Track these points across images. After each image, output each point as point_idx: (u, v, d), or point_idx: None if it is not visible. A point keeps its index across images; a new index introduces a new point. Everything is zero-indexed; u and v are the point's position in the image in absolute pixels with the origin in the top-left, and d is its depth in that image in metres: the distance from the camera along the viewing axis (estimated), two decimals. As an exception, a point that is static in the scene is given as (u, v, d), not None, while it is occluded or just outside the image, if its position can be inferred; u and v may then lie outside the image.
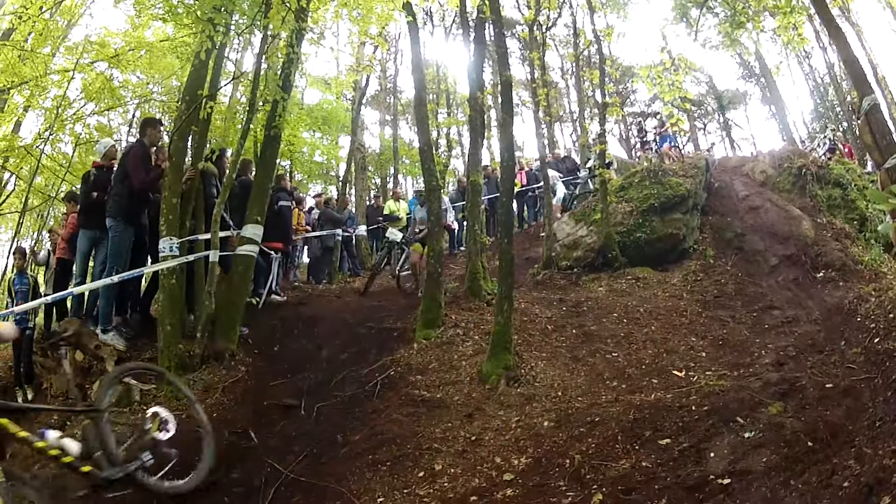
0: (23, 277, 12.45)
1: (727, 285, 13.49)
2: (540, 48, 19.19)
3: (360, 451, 7.27)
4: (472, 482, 6.17)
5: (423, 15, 28.63)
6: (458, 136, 35.76)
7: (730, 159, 26.05)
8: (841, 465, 4.75)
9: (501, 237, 10.36)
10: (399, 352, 10.12)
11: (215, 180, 11.94)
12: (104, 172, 11.19)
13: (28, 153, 18.91)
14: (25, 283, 12.38)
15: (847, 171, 18.27)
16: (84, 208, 11.26)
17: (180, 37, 16.59)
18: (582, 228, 16.34)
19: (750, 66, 40.95)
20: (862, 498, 4.22)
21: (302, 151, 29.16)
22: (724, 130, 47.52)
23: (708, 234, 16.55)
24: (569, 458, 6.18)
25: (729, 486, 4.95)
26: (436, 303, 11.16)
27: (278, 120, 11.79)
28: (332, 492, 6.49)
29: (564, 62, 42.12)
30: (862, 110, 9.22)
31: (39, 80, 17.92)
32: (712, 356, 9.53)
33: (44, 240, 24.43)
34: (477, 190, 13.23)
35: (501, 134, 11.09)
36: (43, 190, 21.72)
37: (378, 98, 40.72)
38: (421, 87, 13.38)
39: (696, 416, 6.48)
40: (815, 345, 9.06)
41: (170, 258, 10.11)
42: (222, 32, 10.55)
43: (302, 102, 28.62)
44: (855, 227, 15.77)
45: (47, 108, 19.30)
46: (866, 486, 4.27)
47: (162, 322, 9.85)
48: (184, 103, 11.20)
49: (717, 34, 14.97)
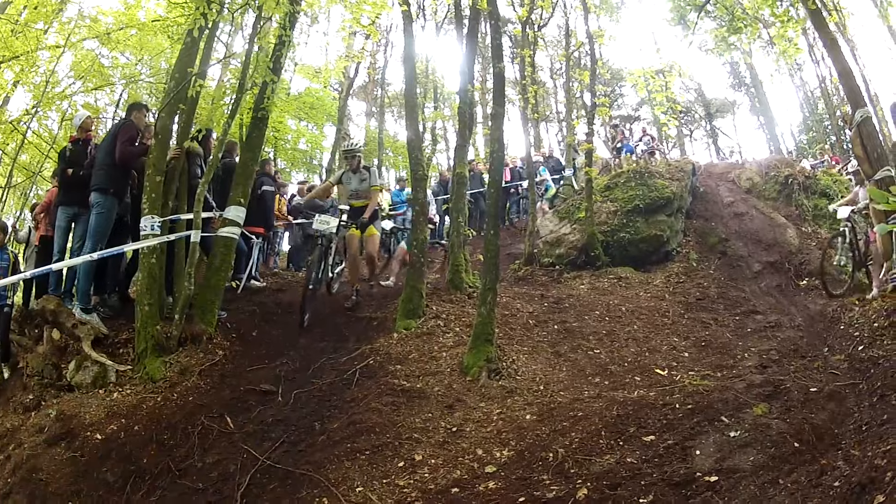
0: (3, 253, 12.29)
1: (710, 288, 13.55)
2: (531, 46, 19.22)
3: (338, 439, 7.16)
4: (453, 473, 6.12)
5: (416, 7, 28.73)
6: (443, 132, 35.76)
7: (716, 165, 26.31)
8: (829, 466, 4.77)
9: (487, 228, 10.30)
10: (378, 341, 10.03)
11: (200, 160, 11.84)
12: (80, 146, 11.15)
13: (14, 129, 18.79)
14: (5, 259, 12.20)
15: (834, 182, 18.39)
16: (62, 184, 11.18)
17: (172, 17, 16.50)
18: (565, 226, 16.39)
19: (740, 75, 41.16)
20: (854, 497, 4.23)
21: (286, 139, 29.28)
22: (711, 138, 47.78)
23: (692, 237, 16.66)
24: (552, 451, 6.14)
25: (716, 484, 4.93)
26: (417, 293, 11.08)
27: (266, 102, 11.70)
28: (309, 479, 6.39)
29: (553, 62, 42.28)
30: (854, 122, 9.26)
31: (30, 56, 17.81)
32: (695, 357, 9.54)
33: (26, 218, 24.36)
34: (462, 182, 13.15)
35: (492, 125, 11.02)
36: (27, 167, 21.59)
37: (366, 89, 40.94)
38: (411, 77, 13.34)
39: (681, 414, 6.46)
40: (798, 350, 9.08)
41: (151, 237, 9.98)
42: (216, 10, 10.46)
43: (289, 89, 28.62)
44: (840, 238, 15.89)
45: (36, 85, 19.21)
46: (858, 485, 4.28)
47: (140, 302, 9.75)
48: (173, 80, 11.07)
49: (713, 38, 15.02)
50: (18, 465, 7.70)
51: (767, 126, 38.88)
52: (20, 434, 8.38)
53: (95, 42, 19.30)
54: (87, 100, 22.98)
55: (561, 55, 32.47)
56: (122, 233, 11.13)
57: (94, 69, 20.05)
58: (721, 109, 46.89)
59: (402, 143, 27.68)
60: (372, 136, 37.90)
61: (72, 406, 8.50)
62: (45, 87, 17.97)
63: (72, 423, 8.11)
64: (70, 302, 10.47)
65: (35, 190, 24.12)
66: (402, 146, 27.32)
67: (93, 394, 8.85)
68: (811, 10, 10.86)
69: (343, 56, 26.98)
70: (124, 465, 7.13)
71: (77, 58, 19.30)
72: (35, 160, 21.63)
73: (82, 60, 19.55)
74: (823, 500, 4.35)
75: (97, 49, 20.04)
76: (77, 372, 9.23)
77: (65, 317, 10.02)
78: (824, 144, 30.96)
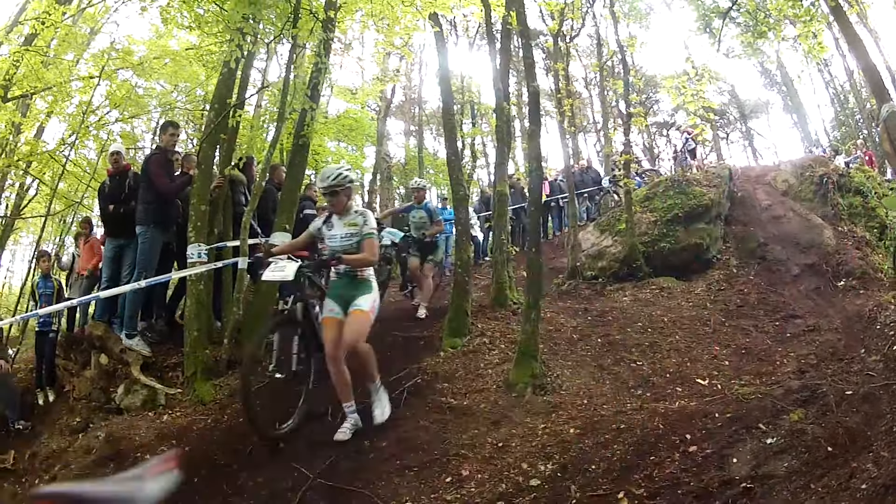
0: (47, 281, 12.54)
1: (750, 294, 13.52)
2: (564, 59, 19.22)
3: (387, 456, 7.29)
4: (498, 487, 6.21)
5: (448, 26, 28.78)
6: (482, 147, 35.69)
7: (752, 169, 26.04)
8: (859, 469, 4.84)
9: (529, 246, 10.42)
10: (426, 360, 10.14)
11: (243, 188, 12.05)
12: (116, 181, 11.33)
13: (52, 158, 19.04)
14: (50, 286, 12.46)
15: (867, 178, 18.27)
16: (104, 220, 11.52)
17: (205, 46, 16.68)
18: (607, 238, 16.41)
19: (772, 74, 40.83)
20: (878, 498, 4.30)
21: (327, 161, 29.22)
22: (747, 140, 47.35)
23: (731, 243, 16.59)
24: (594, 463, 6.24)
25: (751, 490, 5.02)
26: (462, 311, 11.19)
27: (306, 129, 11.85)
28: (358, 496, 6.53)
29: (588, 72, 42.08)
30: (881, 118, 9.26)
31: (63, 87, 18.03)
32: (735, 365, 9.58)
33: (66, 245, 24.61)
34: (504, 200, 13.17)
35: (529, 144, 11.12)
36: (66, 195, 21.83)
37: (403, 108, 40.57)
38: (448, 96, 13.42)
39: (720, 423, 6.53)
40: (836, 353, 9.10)
41: (198, 264, 10.18)
42: (251, 42, 10.65)
43: (327, 112, 28.73)
44: (875, 235, 15.84)
45: (70, 115, 19.44)
46: (882, 487, 4.35)
47: (189, 327, 9.93)
48: (213, 111, 11.25)
49: (740, 44, 15.00)
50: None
51: (800, 124, 38.57)
52: (67, 455, 8.55)
53: (130, 72, 19.52)
54: (125, 128, 23.25)
55: (594, 65, 32.39)
56: (169, 259, 11.35)
57: (130, 98, 20.25)
58: (755, 110, 46.37)
59: (443, 160, 27.56)
60: (412, 154, 38.05)
61: (121, 428, 8.67)
62: (82, 117, 18.16)
63: (121, 444, 8.25)
64: (119, 328, 10.64)
65: (76, 217, 24.42)
66: (443, 163, 27.22)
67: (142, 416, 9.02)
68: (832, 7, 10.87)
69: (378, 78, 27.09)
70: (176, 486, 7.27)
71: (112, 87, 19.46)
72: (74, 188, 21.88)
73: (118, 90, 19.70)
74: (851, 503, 4.43)
75: (132, 78, 20.27)
76: (126, 395, 9.43)
77: (112, 342, 10.23)
78: (857, 140, 30.60)
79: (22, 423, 10.47)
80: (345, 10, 13.16)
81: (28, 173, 20.49)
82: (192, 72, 21.09)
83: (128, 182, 11.15)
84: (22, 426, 10.44)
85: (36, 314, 11.25)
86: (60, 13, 17.16)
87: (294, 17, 11.03)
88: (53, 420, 9.88)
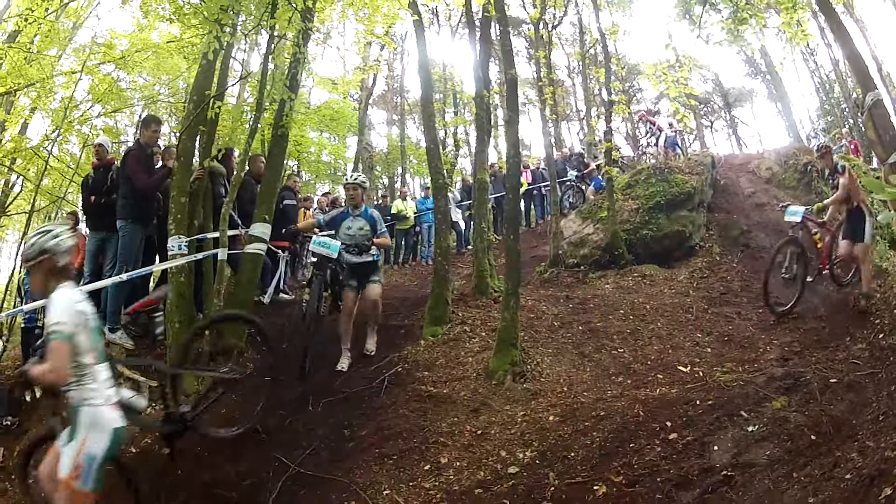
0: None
1: (733, 282, 13.56)
2: (546, 47, 19.23)
3: (366, 445, 7.39)
4: (477, 475, 6.26)
5: (430, 14, 28.76)
6: (465, 136, 35.81)
7: (736, 157, 26.12)
8: (843, 458, 4.83)
9: (507, 234, 10.43)
10: (406, 349, 10.23)
11: (223, 179, 12.02)
12: (101, 173, 11.32)
13: (35, 155, 18.93)
14: (34, 282, 12.46)
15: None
16: (87, 211, 11.50)
17: (187, 38, 16.60)
18: (589, 226, 16.40)
19: (756, 63, 40.82)
20: (863, 489, 4.29)
21: (309, 151, 29.27)
22: (731, 128, 47.38)
23: (714, 231, 16.61)
24: (574, 451, 6.26)
25: (732, 479, 5.03)
26: (443, 300, 11.26)
27: (285, 119, 11.92)
28: (338, 484, 6.62)
29: (571, 60, 41.99)
30: (865, 106, 9.25)
31: (46, 82, 17.96)
32: (718, 352, 9.59)
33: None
34: (484, 188, 13.21)
35: (507, 132, 11.07)
36: (51, 191, 21.74)
37: (385, 98, 40.67)
38: (427, 86, 13.48)
39: (701, 410, 6.55)
40: (821, 340, 9.09)
41: (179, 256, 10.16)
42: (229, 33, 10.62)
43: (309, 102, 28.63)
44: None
45: (54, 110, 19.36)
46: (868, 478, 4.34)
47: (171, 320, 9.91)
48: (192, 103, 11.24)
49: (721, 30, 14.94)
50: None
51: (785, 112, 38.54)
52: (50, 450, 8.58)
53: (112, 66, 19.44)
54: (108, 122, 23.16)
55: (577, 53, 32.34)
56: (152, 252, 11.34)
57: (113, 92, 20.17)
58: (739, 98, 46.40)
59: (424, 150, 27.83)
60: (394, 144, 37.98)
61: (107, 420, 8.62)
62: (65, 113, 18.08)
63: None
64: (102, 322, 10.62)
65: (59, 213, 24.31)
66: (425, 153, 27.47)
67: (126, 408, 9.00)
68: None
69: (359, 67, 27.04)
70: (159, 477, 7.27)
71: (94, 82, 19.36)
72: (58, 184, 21.79)
73: (100, 84, 19.61)
74: (834, 493, 4.42)
75: (114, 72, 20.18)
76: (110, 388, 9.42)
77: (27, 388, 10.23)
78: (842, 128, 30.64)
79: (9, 420, 10.47)
80: (323, 0, 13.14)
81: (12, 170, 20.40)
82: (173, 64, 21.07)
83: (111, 175, 11.14)
84: (9, 422, 10.43)
85: (21, 310, 11.26)
86: (43, 9, 17.08)
87: (272, 7, 10.98)
88: (41, 416, 9.86)
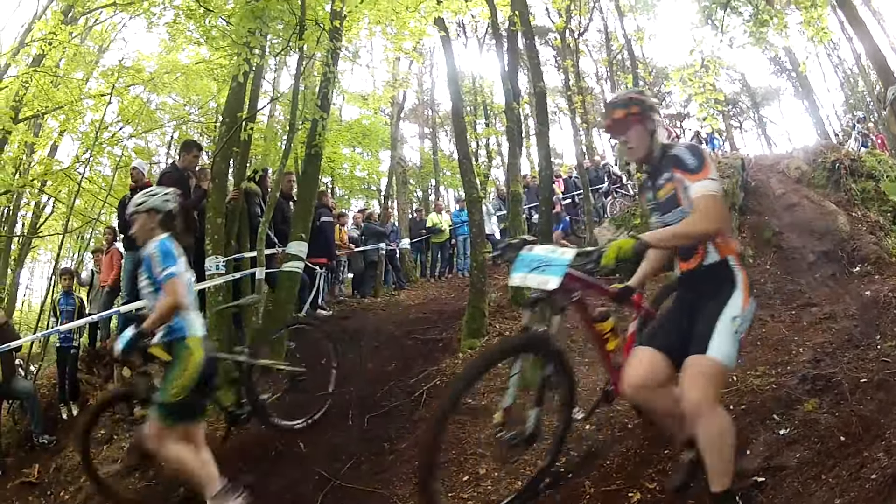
0: (69, 297, 12.70)
1: (766, 284, 13.47)
2: (573, 55, 19.27)
3: (406, 457, 7.45)
4: (514, 485, 6.28)
5: (456, 27, 28.75)
6: (497, 146, 35.80)
7: (765, 157, 25.90)
8: (870, 459, 4.81)
9: (541, 242, 10.47)
10: (444, 362, 10.23)
11: (258, 199, 12.16)
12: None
13: (67, 177, 19.14)
14: (71, 303, 12.62)
15: (879, 162, 18.17)
16: (124, 233, 11.59)
17: (216, 59, 16.77)
18: (623, 234, 16.35)
19: (781, 61, 40.60)
20: (887, 489, 4.30)
21: (343, 167, 29.57)
22: (760, 128, 47.13)
23: (747, 233, 16.49)
24: (609, 458, 6.31)
25: (763, 483, 5.05)
26: (480, 312, 11.23)
27: (318, 138, 11.96)
28: (377, 497, 6.70)
29: (599, 67, 41.88)
30: (887, 100, 9.24)
31: (74, 105, 18.15)
32: (751, 355, 9.53)
33: (86, 261, 24.78)
34: (517, 200, 13.25)
35: (538, 144, 11.16)
36: (83, 212, 21.96)
37: (416, 111, 40.32)
38: (457, 99, 13.42)
39: (734, 415, 6.50)
40: (852, 340, 9.02)
41: (216, 276, 10.30)
42: (258, 55, 10.76)
43: (340, 119, 28.78)
44: (889, 219, 15.67)
45: (83, 133, 19.56)
46: (892, 478, 4.35)
47: (209, 338, 10.01)
48: (224, 126, 11.41)
49: (744, 33, 14.91)
50: (90, 496, 8.12)
51: (811, 109, 38.26)
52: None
53: (141, 87, 19.63)
54: (139, 143, 23.42)
55: (604, 59, 32.24)
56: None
57: (143, 113, 20.38)
58: (767, 97, 46.13)
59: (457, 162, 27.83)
60: (427, 157, 37.82)
61: (145, 438, 8.75)
62: (95, 135, 18.24)
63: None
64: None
65: (93, 234, 24.54)
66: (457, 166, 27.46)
67: (166, 426, 9.11)
68: (835, -10, 10.87)
69: (389, 83, 27.13)
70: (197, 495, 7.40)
71: (124, 103, 19.57)
72: (90, 205, 22.00)
73: (129, 105, 19.83)
74: (860, 494, 4.41)
75: (144, 94, 20.39)
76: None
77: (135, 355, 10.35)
78: (868, 123, 30.30)
79: (46, 438, 10.64)
80: (350, 18, 13.21)
81: (43, 192, 20.64)
82: (203, 85, 21.23)
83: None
84: (46, 440, 10.60)
85: (57, 330, 11.46)
86: (67, 33, 17.28)
87: (300, 29, 11.10)
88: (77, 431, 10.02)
